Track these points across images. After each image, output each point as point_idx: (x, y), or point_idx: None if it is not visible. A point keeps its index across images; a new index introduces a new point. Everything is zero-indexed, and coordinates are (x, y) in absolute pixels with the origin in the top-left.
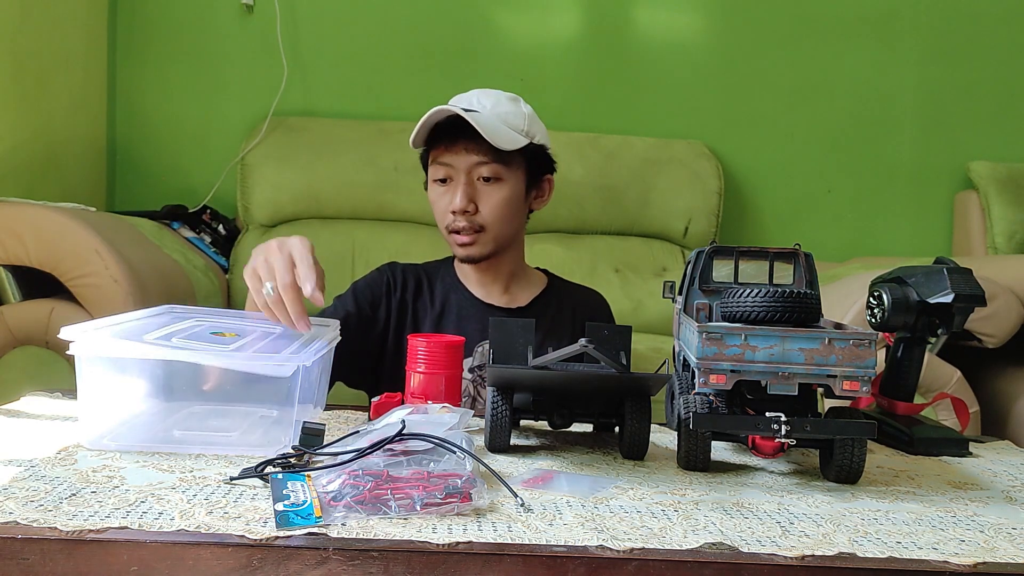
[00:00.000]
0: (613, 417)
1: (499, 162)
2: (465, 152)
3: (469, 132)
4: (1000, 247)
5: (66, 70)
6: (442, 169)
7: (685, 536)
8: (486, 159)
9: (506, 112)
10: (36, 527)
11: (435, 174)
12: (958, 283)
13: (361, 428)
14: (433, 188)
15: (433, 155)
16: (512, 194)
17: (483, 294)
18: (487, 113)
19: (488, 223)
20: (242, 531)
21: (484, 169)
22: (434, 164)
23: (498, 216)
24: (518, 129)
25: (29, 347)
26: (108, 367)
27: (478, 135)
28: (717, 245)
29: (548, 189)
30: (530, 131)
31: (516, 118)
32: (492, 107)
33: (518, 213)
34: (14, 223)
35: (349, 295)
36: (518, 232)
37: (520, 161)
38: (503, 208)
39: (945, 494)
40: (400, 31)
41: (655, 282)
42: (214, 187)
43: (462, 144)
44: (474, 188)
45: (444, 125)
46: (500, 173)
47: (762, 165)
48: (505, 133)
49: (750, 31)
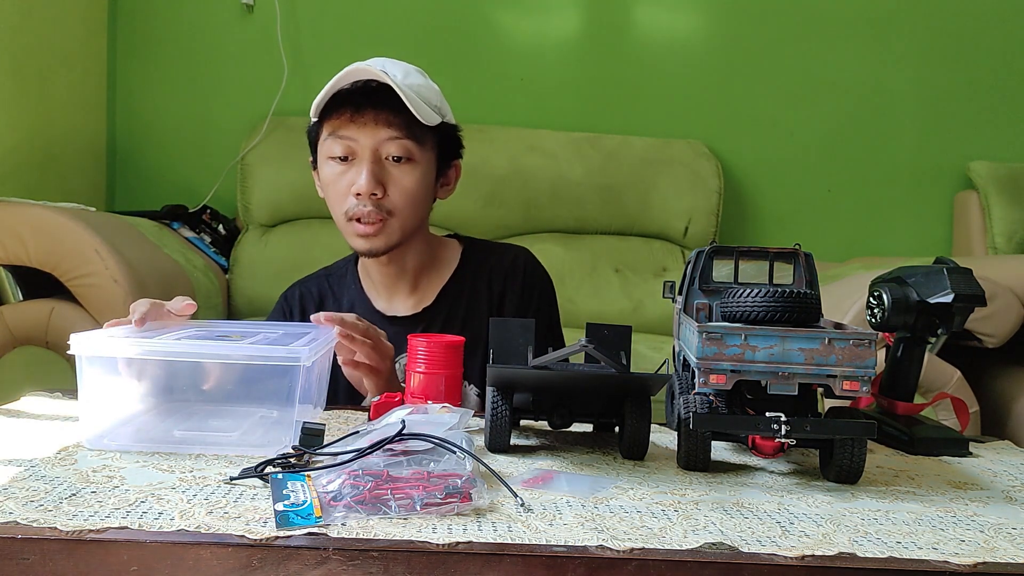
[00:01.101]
0: (613, 417)
1: (412, 139)
2: (374, 125)
3: (379, 102)
4: (1000, 247)
5: (66, 69)
6: (342, 144)
7: (685, 536)
8: (398, 135)
9: (419, 84)
10: (36, 527)
11: (331, 150)
12: (958, 283)
13: (361, 428)
14: (327, 167)
15: (331, 126)
16: (423, 177)
17: (387, 300)
18: (399, 82)
19: (397, 208)
20: (242, 531)
21: (394, 146)
22: (331, 137)
23: (408, 201)
24: (432, 104)
25: (29, 347)
26: (109, 367)
27: (389, 106)
28: (717, 245)
29: (455, 176)
30: (442, 109)
31: (429, 92)
32: (403, 76)
33: (427, 200)
34: (14, 223)
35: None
36: (424, 221)
37: (431, 141)
38: (414, 192)
39: (945, 494)
40: (400, 31)
41: (655, 282)
42: (214, 187)
43: (371, 114)
44: (382, 168)
45: (346, 93)
46: (412, 152)
47: (762, 165)
48: (422, 106)
49: (750, 31)
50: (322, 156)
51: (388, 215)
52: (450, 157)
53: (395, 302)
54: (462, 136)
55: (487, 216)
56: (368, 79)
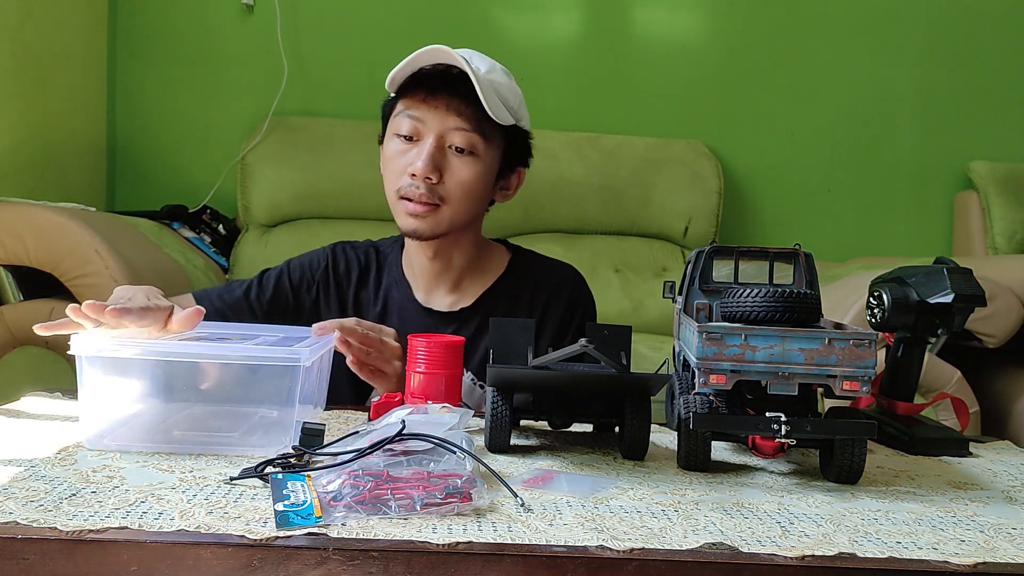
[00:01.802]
0: (613, 417)
1: (479, 133)
2: (445, 111)
3: (455, 89)
4: (1000, 247)
5: (66, 69)
6: (410, 123)
7: (685, 536)
8: (467, 126)
9: (501, 82)
10: (36, 527)
11: (399, 127)
12: (958, 283)
13: (361, 428)
14: (393, 142)
15: (403, 103)
16: (483, 173)
17: (425, 292)
18: (481, 76)
19: (450, 197)
20: (242, 531)
21: (459, 137)
22: (402, 115)
23: (463, 193)
24: (509, 105)
25: (29, 347)
26: (109, 367)
27: (463, 95)
28: (717, 245)
29: (516, 183)
30: (519, 112)
31: (510, 94)
32: (486, 72)
33: (483, 197)
34: (14, 223)
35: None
36: (477, 219)
37: (500, 141)
38: (471, 185)
39: (945, 494)
40: (400, 31)
41: (655, 282)
42: (214, 187)
43: (443, 99)
44: (443, 155)
45: (426, 73)
46: (476, 147)
47: (762, 165)
48: (498, 104)
49: (750, 31)
50: (389, 131)
51: (440, 201)
52: (515, 162)
53: (433, 296)
54: (533, 145)
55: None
56: (450, 64)
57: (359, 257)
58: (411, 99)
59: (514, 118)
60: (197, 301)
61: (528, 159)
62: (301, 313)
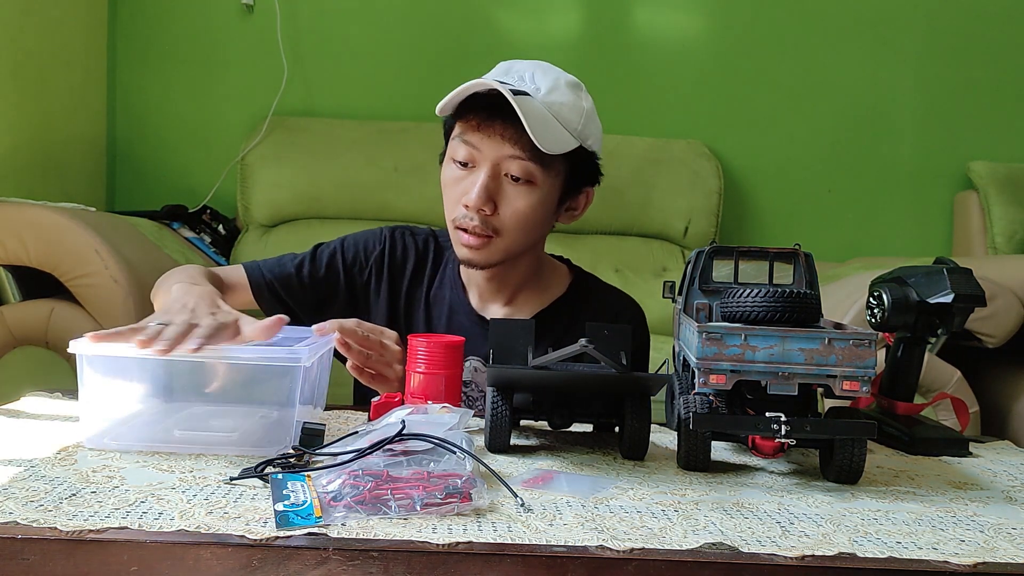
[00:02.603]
0: (613, 417)
1: (536, 162)
2: (500, 139)
3: (510, 114)
4: (1000, 247)
5: (66, 70)
6: (465, 150)
7: (685, 536)
8: (521, 155)
9: (562, 103)
10: (36, 527)
11: (456, 152)
12: (958, 283)
13: (361, 428)
14: (449, 167)
15: (460, 128)
16: (542, 202)
17: (480, 300)
18: (539, 99)
19: (505, 229)
20: (242, 531)
21: (515, 166)
22: (458, 140)
23: (518, 224)
24: (571, 127)
25: (29, 347)
26: (109, 367)
27: (518, 121)
28: (717, 245)
29: (584, 204)
30: (584, 132)
31: (572, 112)
32: (548, 91)
33: (543, 224)
34: (14, 223)
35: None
36: (538, 243)
37: (562, 165)
38: (527, 216)
39: (945, 494)
40: (400, 31)
41: (655, 282)
42: (214, 187)
43: (498, 127)
44: (498, 184)
45: (482, 97)
46: (534, 175)
47: (762, 165)
48: (554, 130)
49: (750, 31)
50: (448, 153)
51: (495, 233)
52: (583, 183)
53: (488, 306)
54: (601, 164)
55: None
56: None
57: (418, 246)
58: (466, 124)
59: (578, 139)
60: (248, 273)
61: (598, 177)
62: (353, 294)
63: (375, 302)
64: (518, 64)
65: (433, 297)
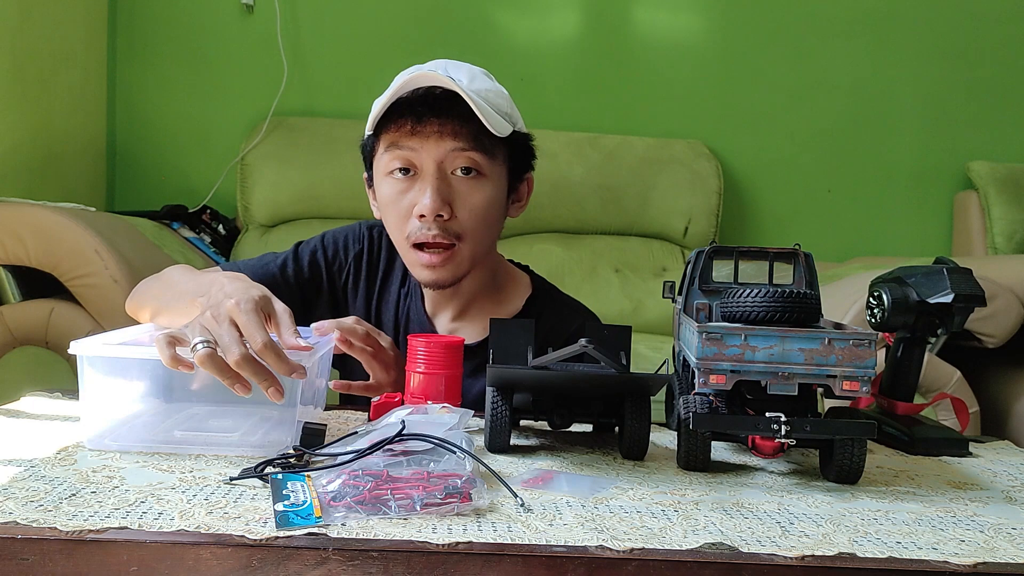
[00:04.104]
0: (613, 417)
1: (480, 151)
2: (438, 136)
3: (443, 111)
4: (1000, 247)
5: (66, 70)
6: (403, 155)
7: (685, 536)
8: (465, 146)
9: (487, 88)
10: (36, 527)
11: (389, 165)
12: (958, 283)
13: (361, 428)
14: (386, 183)
15: (388, 139)
16: (495, 193)
17: (433, 309)
18: (464, 88)
19: (467, 231)
20: (242, 531)
21: (461, 159)
22: (389, 151)
23: (478, 222)
24: (502, 111)
25: (29, 347)
26: (110, 368)
27: (454, 115)
28: (717, 245)
29: (527, 191)
30: (512, 115)
31: (499, 98)
32: (469, 81)
33: (498, 220)
34: (14, 223)
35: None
36: (494, 245)
37: (503, 153)
38: (485, 211)
39: (945, 494)
40: (400, 31)
41: (655, 282)
42: (214, 187)
43: (434, 124)
44: (448, 184)
45: (405, 102)
46: (481, 166)
47: (762, 165)
48: (493, 115)
49: (750, 31)
50: (379, 173)
51: (457, 239)
52: (522, 170)
53: (437, 319)
54: (535, 146)
55: None
56: (431, 86)
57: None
58: (397, 132)
59: (510, 123)
60: None
61: (533, 162)
62: (334, 292)
63: (353, 300)
64: (429, 65)
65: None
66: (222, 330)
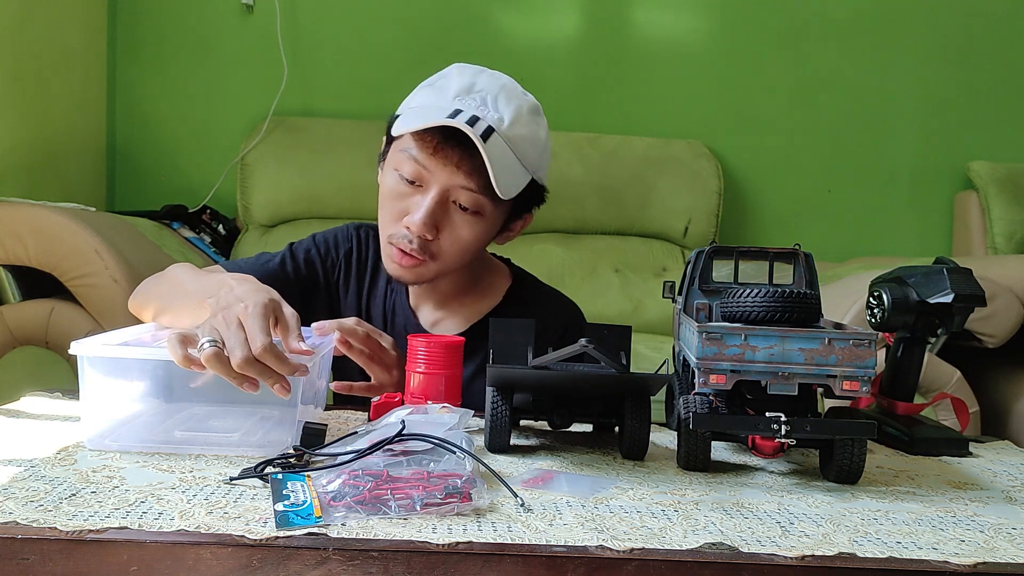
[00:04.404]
0: (613, 417)
1: (487, 196)
2: (455, 168)
3: (469, 143)
4: (1000, 247)
5: (66, 70)
6: (415, 168)
7: (685, 536)
8: (474, 188)
9: (523, 136)
10: (36, 527)
11: (401, 164)
12: (958, 283)
13: (361, 428)
14: (392, 178)
15: (414, 144)
16: (485, 231)
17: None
18: (502, 131)
19: (443, 254)
20: (242, 531)
21: (465, 197)
22: (407, 155)
23: (457, 252)
24: (528, 161)
25: (29, 347)
26: (110, 368)
27: (476, 153)
28: (717, 245)
29: (520, 228)
30: (538, 165)
31: (531, 147)
32: (511, 122)
33: (481, 249)
34: (14, 223)
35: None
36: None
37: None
38: (468, 244)
39: (945, 494)
40: (400, 31)
41: (655, 282)
42: (214, 187)
43: (455, 155)
44: (444, 211)
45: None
46: (482, 208)
47: (762, 165)
48: (513, 172)
49: (750, 31)
50: (391, 161)
51: (430, 257)
52: (525, 210)
53: (420, 311)
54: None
55: None
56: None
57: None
58: (421, 143)
59: (532, 173)
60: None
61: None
62: (328, 291)
63: (344, 295)
64: (481, 81)
65: (389, 301)
66: (230, 332)
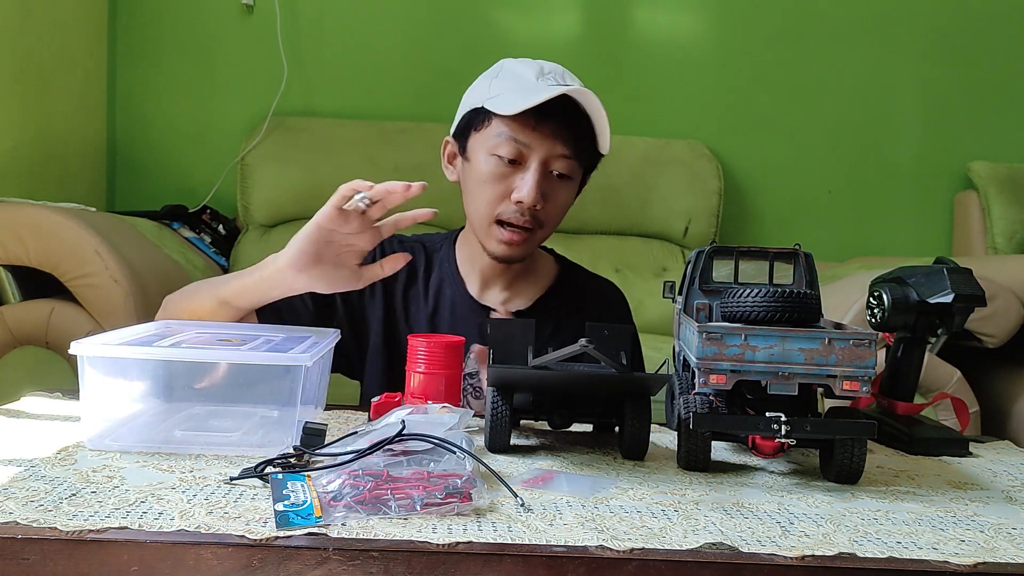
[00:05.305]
0: (613, 417)
1: (577, 159)
2: (552, 138)
3: (560, 115)
4: (1000, 247)
5: (66, 70)
6: (515, 147)
7: (685, 536)
8: (569, 154)
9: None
10: (36, 527)
11: (499, 147)
12: (958, 283)
13: (361, 428)
14: (491, 162)
15: (511, 126)
16: (573, 195)
17: (480, 287)
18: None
19: (548, 221)
20: (242, 531)
21: (561, 163)
22: (505, 137)
23: (557, 216)
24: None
25: (29, 347)
26: (110, 368)
27: (568, 121)
28: (717, 245)
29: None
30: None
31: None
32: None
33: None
34: (14, 223)
35: None
36: None
37: (587, 163)
38: (565, 208)
39: (945, 494)
40: (400, 31)
41: (655, 282)
42: (214, 187)
43: (551, 126)
44: (548, 181)
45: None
46: (574, 171)
47: (762, 165)
48: (606, 130)
49: (750, 31)
50: (482, 147)
51: (538, 226)
52: (588, 174)
53: (488, 293)
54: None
55: None
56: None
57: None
58: (517, 123)
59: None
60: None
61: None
62: (350, 308)
63: (370, 305)
64: (543, 64)
65: (432, 297)
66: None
